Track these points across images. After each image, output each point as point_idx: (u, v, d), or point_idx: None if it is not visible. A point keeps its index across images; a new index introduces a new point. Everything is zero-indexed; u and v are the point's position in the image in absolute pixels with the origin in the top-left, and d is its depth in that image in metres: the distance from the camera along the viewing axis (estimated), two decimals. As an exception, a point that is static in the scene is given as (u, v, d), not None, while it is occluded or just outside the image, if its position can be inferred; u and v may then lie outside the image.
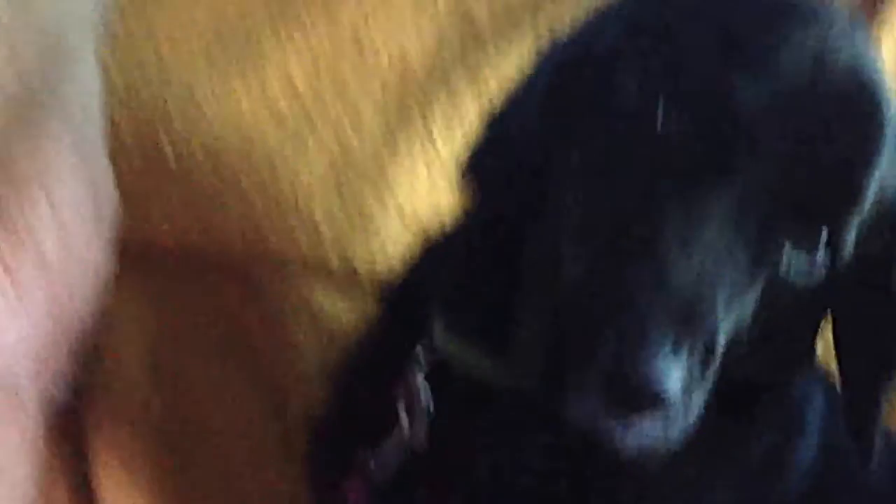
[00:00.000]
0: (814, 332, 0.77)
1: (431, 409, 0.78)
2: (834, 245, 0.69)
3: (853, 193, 0.68)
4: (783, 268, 0.69)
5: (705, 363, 0.65)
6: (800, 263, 0.69)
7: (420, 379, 0.78)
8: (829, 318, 0.76)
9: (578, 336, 0.64)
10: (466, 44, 1.09)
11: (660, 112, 0.68)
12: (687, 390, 0.64)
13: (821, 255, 0.69)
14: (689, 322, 0.64)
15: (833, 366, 0.78)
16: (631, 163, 0.69)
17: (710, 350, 0.65)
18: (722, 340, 0.66)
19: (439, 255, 0.85)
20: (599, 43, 0.74)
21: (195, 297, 1.04)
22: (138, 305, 1.03)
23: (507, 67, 1.07)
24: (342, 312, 1.03)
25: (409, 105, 1.07)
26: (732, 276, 0.66)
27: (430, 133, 1.06)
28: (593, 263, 0.67)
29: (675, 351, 0.63)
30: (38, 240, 0.69)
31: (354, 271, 1.03)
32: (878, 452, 0.75)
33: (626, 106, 0.70)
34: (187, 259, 1.04)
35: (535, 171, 0.73)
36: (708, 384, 0.66)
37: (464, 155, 0.79)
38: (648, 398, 0.63)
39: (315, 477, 0.89)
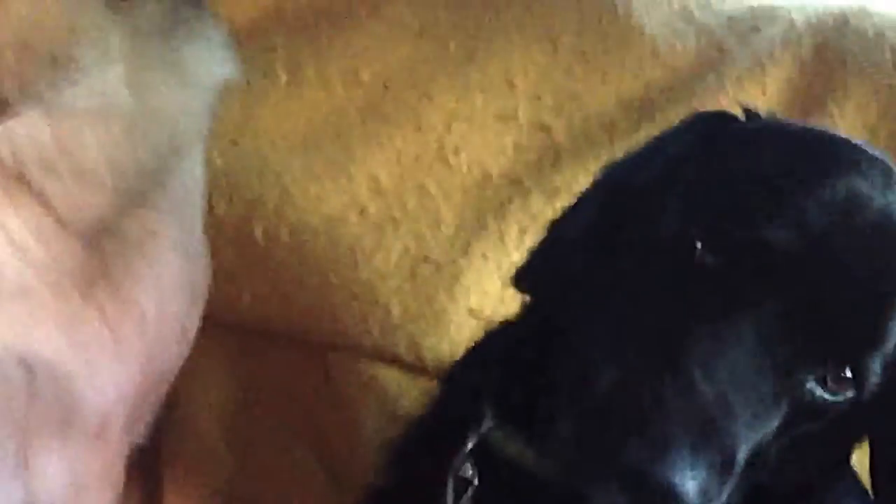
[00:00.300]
0: (849, 446, 0.81)
1: (476, 486, 0.83)
2: (858, 378, 0.73)
3: (875, 337, 0.72)
4: (808, 395, 0.73)
5: (723, 474, 0.70)
6: (825, 391, 0.73)
7: (468, 459, 0.84)
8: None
9: (606, 438, 0.70)
10: (544, 157, 1.16)
11: (697, 246, 0.74)
12: (704, 497, 0.69)
13: (846, 386, 0.73)
14: (708, 437, 0.69)
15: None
16: (666, 286, 0.74)
17: (728, 463, 0.70)
18: (741, 455, 0.71)
19: (494, 348, 0.91)
20: (647, 172, 0.80)
21: (271, 369, 1.11)
22: (219, 370, 1.10)
23: (580, 182, 1.13)
24: (406, 394, 1.09)
25: (485, 210, 1.14)
26: (754, 400, 0.71)
27: (503, 238, 1.12)
28: (623, 374, 0.72)
29: (693, 462, 0.68)
30: (140, 300, 0.77)
31: (422, 360, 1.09)
32: None
33: (664, 236, 0.76)
34: (268, 334, 1.11)
35: (581, 281, 0.79)
36: (726, 492, 0.71)
37: (521, 262, 0.86)
38: (665, 501, 0.68)
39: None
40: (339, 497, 1.07)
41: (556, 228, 0.84)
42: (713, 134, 0.81)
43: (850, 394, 0.73)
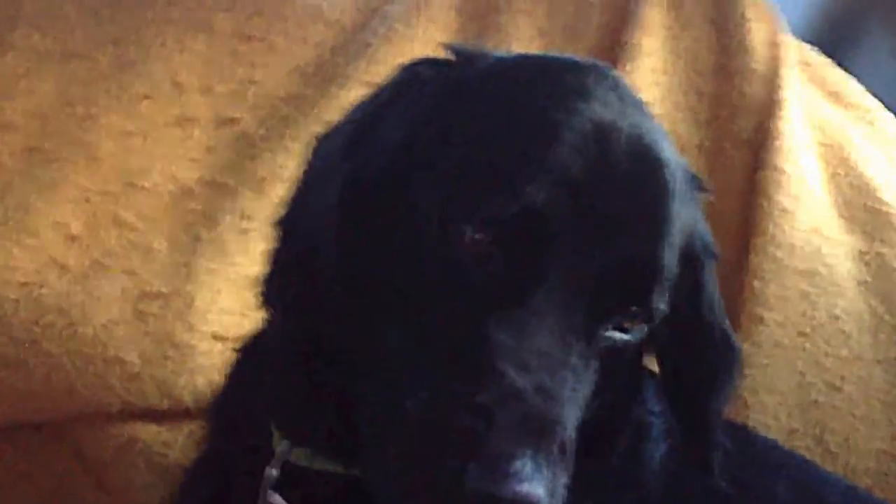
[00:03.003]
0: (640, 366, 0.79)
1: None
2: (648, 314, 0.71)
3: (655, 275, 0.70)
4: (608, 343, 0.70)
5: (563, 459, 0.66)
6: (623, 333, 0.71)
7: (271, 484, 0.77)
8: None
9: (442, 466, 0.64)
10: (239, 152, 1.08)
11: (464, 230, 0.68)
12: (554, 491, 0.65)
13: (639, 322, 0.71)
14: (544, 433, 0.65)
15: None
16: (441, 280, 0.68)
17: (565, 446, 0.66)
18: (572, 432, 0.67)
19: (258, 368, 0.81)
20: (380, 154, 0.72)
21: (19, 462, 0.99)
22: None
23: (283, 165, 1.06)
24: (173, 444, 0.99)
25: (194, 225, 1.04)
26: (569, 376, 0.68)
27: (223, 247, 1.03)
28: (437, 391, 0.66)
29: (537, 464, 0.63)
30: None
31: (179, 401, 0.99)
32: (719, 462, 0.79)
33: (424, 226, 0.69)
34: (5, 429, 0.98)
35: (335, 283, 0.71)
36: (567, 471, 0.67)
37: (260, 272, 0.76)
38: None
39: None
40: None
41: (292, 231, 0.75)
42: (433, 90, 0.73)
43: (644, 327, 0.72)
